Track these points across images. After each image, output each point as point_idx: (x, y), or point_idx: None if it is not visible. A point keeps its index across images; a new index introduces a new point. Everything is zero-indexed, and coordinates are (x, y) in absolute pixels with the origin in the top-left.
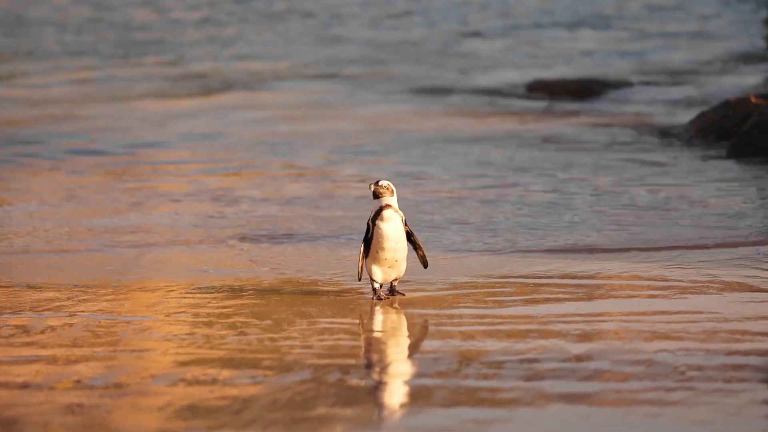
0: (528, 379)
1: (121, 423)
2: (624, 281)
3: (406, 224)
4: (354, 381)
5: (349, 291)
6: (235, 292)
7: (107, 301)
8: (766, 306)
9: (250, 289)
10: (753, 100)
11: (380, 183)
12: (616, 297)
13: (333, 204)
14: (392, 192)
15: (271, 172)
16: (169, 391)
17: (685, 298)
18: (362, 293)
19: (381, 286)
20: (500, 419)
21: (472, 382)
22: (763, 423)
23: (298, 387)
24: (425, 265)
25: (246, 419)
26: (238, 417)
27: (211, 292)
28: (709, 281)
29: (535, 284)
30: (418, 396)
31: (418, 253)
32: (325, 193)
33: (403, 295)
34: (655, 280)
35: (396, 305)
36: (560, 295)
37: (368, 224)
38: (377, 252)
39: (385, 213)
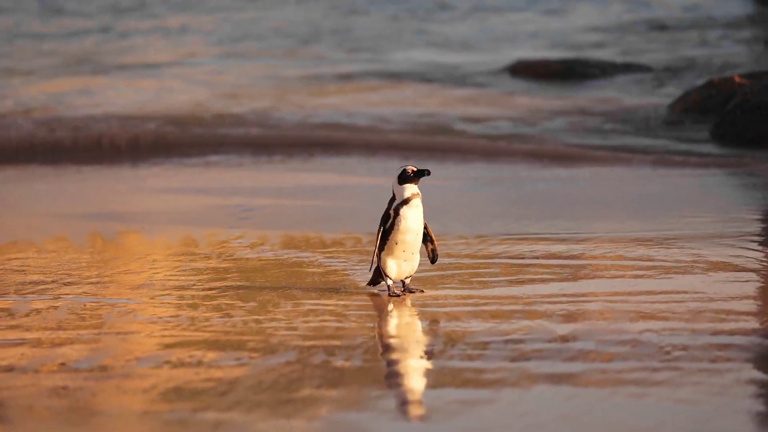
0: (513, 359)
1: (105, 405)
2: (609, 261)
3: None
4: (339, 362)
5: (333, 272)
6: (220, 274)
7: (92, 283)
8: (751, 285)
9: (234, 271)
10: (736, 79)
11: (411, 168)
12: (601, 277)
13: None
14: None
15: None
16: (154, 373)
17: (670, 278)
18: (347, 275)
19: (394, 283)
20: (485, 400)
21: (457, 363)
22: (749, 402)
23: (283, 369)
24: (434, 259)
25: (231, 401)
26: (223, 399)
27: (196, 274)
28: (694, 261)
29: (520, 265)
30: (402, 377)
31: (427, 246)
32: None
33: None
34: (640, 260)
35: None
36: (545, 276)
37: (388, 213)
38: (396, 243)
39: (414, 201)
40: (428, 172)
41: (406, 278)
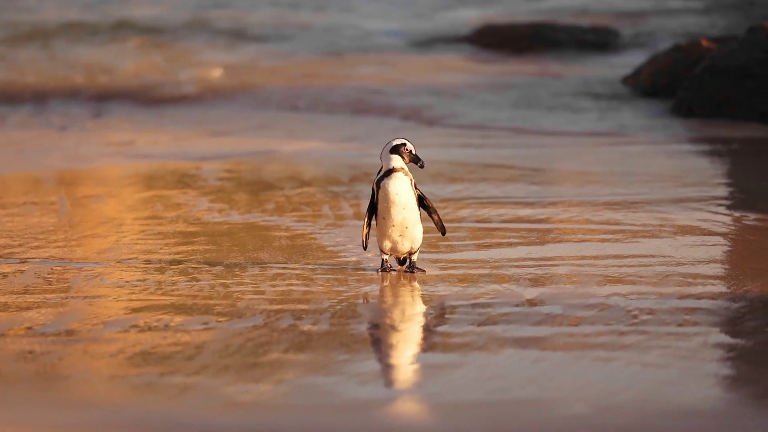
0: (480, 323)
1: (72, 370)
2: (576, 225)
3: (416, 188)
4: (306, 327)
5: (301, 236)
6: (187, 237)
7: (58, 247)
8: (718, 249)
9: (201, 235)
10: (704, 43)
11: (406, 144)
12: (568, 241)
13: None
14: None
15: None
16: (121, 337)
17: (638, 242)
18: (314, 238)
19: (390, 257)
20: (452, 364)
21: (424, 327)
22: (715, 366)
23: (251, 333)
24: (443, 231)
25: (198, 365)
26: (190, 363)
27: (163, 238)
28: (661, 225)
29: (487, 228)
30: (369, 341)
31: (433, 218)
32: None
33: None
34: (607, 224)
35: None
36: (512, 239)
37: (372, 188)
38: (384, 219)
39: (394, 174)
40: (422, 165)
41: (412, 254)
